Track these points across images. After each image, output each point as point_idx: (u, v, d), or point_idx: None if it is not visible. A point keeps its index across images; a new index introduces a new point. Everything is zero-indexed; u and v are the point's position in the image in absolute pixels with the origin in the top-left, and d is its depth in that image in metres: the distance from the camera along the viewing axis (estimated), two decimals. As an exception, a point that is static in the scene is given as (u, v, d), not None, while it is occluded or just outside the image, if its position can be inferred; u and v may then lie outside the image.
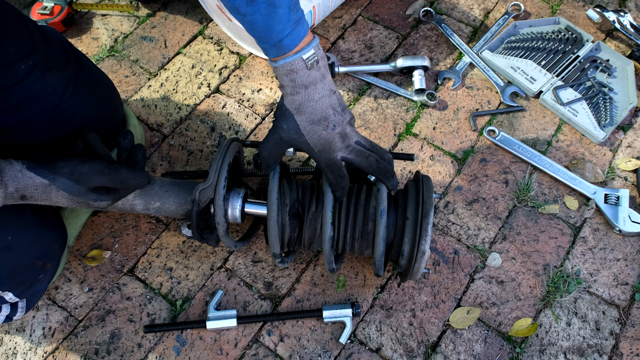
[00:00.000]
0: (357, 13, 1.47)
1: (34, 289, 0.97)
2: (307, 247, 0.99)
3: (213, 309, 1.04)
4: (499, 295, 1.10)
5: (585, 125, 1.28)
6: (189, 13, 1.46)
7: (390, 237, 0.96)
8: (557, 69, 1.35)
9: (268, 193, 0.92)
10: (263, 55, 1.36)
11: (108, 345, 1.03)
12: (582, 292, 1.10)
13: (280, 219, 0.94)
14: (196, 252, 1.12)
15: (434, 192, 0.94)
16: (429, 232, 0.91)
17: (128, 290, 1.08)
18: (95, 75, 1.05)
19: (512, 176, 1.23)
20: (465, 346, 1.04)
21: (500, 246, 1.15)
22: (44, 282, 0.98)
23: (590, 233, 1.17)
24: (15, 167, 0.76)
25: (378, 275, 0.98)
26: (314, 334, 1.04)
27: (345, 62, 1.38)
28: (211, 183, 0.92)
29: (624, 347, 1.05)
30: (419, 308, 1.07)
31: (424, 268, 0.96)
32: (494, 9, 1.49)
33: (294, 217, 0.97)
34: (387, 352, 1.03)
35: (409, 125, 1.29)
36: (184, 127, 1.27)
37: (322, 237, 0.93)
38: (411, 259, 0.93)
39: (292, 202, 0.96)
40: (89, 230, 1.13)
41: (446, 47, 1.42)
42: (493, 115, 1.31)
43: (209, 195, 0.92)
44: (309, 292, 1.09)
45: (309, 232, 0.96)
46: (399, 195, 0.98)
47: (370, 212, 0.94)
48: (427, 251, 0.91)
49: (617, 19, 1.41)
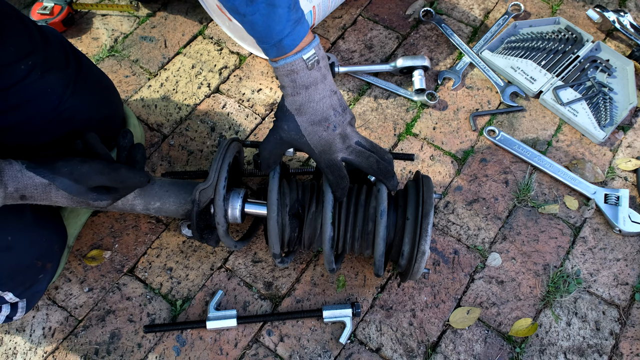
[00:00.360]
0: (357, 13, 1.47)
1: (34, 289, 0.97)
2: (307, 247, 0.99)
3: (213, 309, 1.04)
4: (499, 295, 1.10)
5: (585, 125, 1.28)
6: (189, 13, 1.46)
7: (390, 237, 0.96)
8: (557, 69, 1.35)
9: (268, 193, 0.92)
10: (263, 55, 1.36)
11: (108, 345, 1.03)
12: (582, 292, 1.10)
13: (280, 219, 0.94)
14: (196, 252, 1.12)
15: (434, 192, 0.94)
16: (429, 233, 0.91)
17: (128, 290, 1.08)
18: (95, 75, 1.05)
19: (512, 176, 1.23)
20: (465, 346, 1.04)
21: (500, 246, 1.15)
22: (44, 282, 0.98)
23: (590, 233, 1.17)
24: (15, 167, 0.76)
25: (378, 275, 0.98)
26: (314, 334, 1.04)
27: (345, 62, 1.38)
28: (211, 183, 0.92)
29: (624, 347, 1.05)
30: (419, 308, 1.07)
31: (424, 268, 0.95)
32: (494, 9, 1.49)
33: (294, 217, 0.97)
34: (387, 352, 1.03)
35: (409, 125, 1.29)
36: (184, 127, 1.27)
37: (322, 237, 0.93)
38: (411, 259, 0.93)
39: (292, 202, 0.96)
40: (89, 230, 1.13)
41: (446, 47, 1.42)
42: (493, 115, 1.31)
43: (209, 195, 0.92)
44: (309, 292, 1.09)
45: (309, 232, 0.96)
46: (399, 196, 0.98)
47: (370, 213, 0.94)
48: (427, 251, 0.91)
49: (617, 19, 1.41)
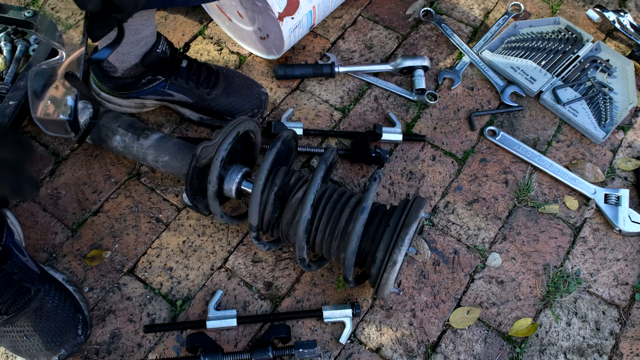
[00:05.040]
0: (357, 13, 1.47)
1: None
2: (285, 234, 0.98)
3: (213, 309, 1.04)
4: (499, 295, 1.10)
5: (585, 125, 1.28)
6: (189, 13, 1.46)
7: (369, 245, 0.92)
8: (557, 69, 1.35)
9: (262, 162, 0.92)
10: (263, 55, 1.36)
11: (108, 345, 1.03)
12: (582, 292, 1.10)
13: (265, 195, 0.94)
14: (196, 252, 1.12)
15: (423, 211, 0.91)
16: (406, 244, 0.86)
17: (128, 290, 1.08)
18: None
19: (512, 176, 1.23)
20: (465, 346, 1.04)
21: (500, 246, 1.15)
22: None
23: (590, 233, 1.17)
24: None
25: (347, 280, 0.94)
26: (314, 334, 1.04)
27: (345, 62, 1.38)
28: (215, 142, 0.92)
29: (624, 347, 1.05)
30: (419, 308, 1.07)
31: (393, 282, 0.90)
32: (494, 9, 1.49)
33: (278, 199, 0.96)
34: (387, 352, 1.03)
35: (409, 125, 1.29)
36: (184, 127, 1.27)
37: (299, 217, 0.88)
38: (381, 267, 0.88)
39: (281, 184, 0.95)
40: (89, 230, 1.13)
41: (446, 47, 1.42)
42: (493, 115, 1.31)
43: (210, 153, 0.92)
44: (309, 292, 1.09)
45: (288, 216, 0.95)
46: (392, 210, 0.96)
47: (355, 214, 0.91)
48: (399, 263, 0.86)
49: (617, 19, 1.41)
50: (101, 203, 1.16)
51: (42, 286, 0.96)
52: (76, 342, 0.97)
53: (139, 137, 1.07)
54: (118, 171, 1.19)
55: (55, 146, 1.22)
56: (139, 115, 1.25)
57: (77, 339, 0.97)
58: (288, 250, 1.12)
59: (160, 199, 1.17)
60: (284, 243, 1.06)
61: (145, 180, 1.19)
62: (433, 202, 1.19)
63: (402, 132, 1.24)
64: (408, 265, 1.11)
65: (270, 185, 0.94)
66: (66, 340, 0.96)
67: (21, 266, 0.96)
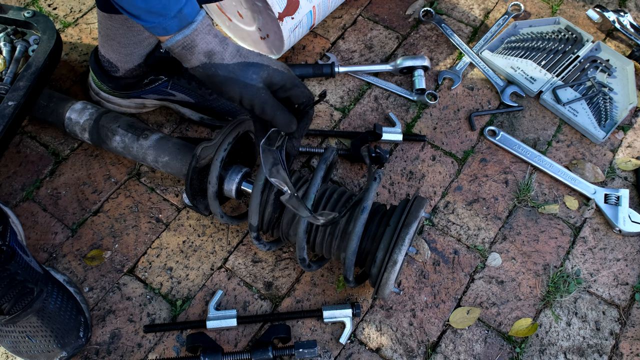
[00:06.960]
0: (357, 13, 1.47)
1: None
2: (285, 234, 0.98)
3: (213, 309, 1.04)
4: (499, 295, 1.10)
5: (585, 125, 1.28)
6: (189, 13, 1.46)
7: (370, 245, 0.92)
8: (557, 69, 1.35)
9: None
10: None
11: (108, 345, 1.03)
12: (582, 292, 1.10)
13: (265, 195, 0.93)
14: (196, 252, 1.12)
15: (423, 210, 0.91)
16: (406, 243, 0.86)
17: (128, 290, 1.08)
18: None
19: (512, 176, 1.23)
20: (465, 346, 1.04)
21: (500, 246, 1.15)
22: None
23: (590, 233, 1.17)
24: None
25: (347, 280, 0.94)
26: (314, 334, 1.04)
27: (345, 62, 1.38)
28: (215, 142, 0.92)
29: (624, 347, 1.05)
30: (419, 308, 1.07)
31: (393, 281, 0.90)
32: (494, 9, 1.49)
33: (278, 200, 0.95)
34: (387, 352, 1.03)
35: (409, 125, 1.29)
36: (184, 127, 1.27)
37: (299, 217, 0.88)
38: (381, 267, 0.88)
39: None
40: (89, 230, 1.13)
41: (446, 47, 1.42)
42: (493, 115, 1.31)
43: (210, 153, 0.91)
44: (309, 292, 1.09)
45: (288, 216, 0.95)
46: (393, 210, 0.96)
47: (355, 214, 0.91)
48: (400, 262, 0.86)
49: (617, 19, 1.41)
50: (101, 203, 1.16)
51: (45, 287, 0.96)
52: (77, 344, 0.97)
53: (138, 138, 1.07)
54: (118, 171, 1.19)
55: (55, 146, 1.22)
56: (138, 116, 1.25)
57: (79, 341, 0.97)
58: (288, 250, 1.12)
59: (160, 199, 1.17)
60: (284, 243, 1.06)
61: (145, 180, 1.19)
62: (433, 202, 1.19)
63: (402, 132, 1.24)
64: (408, 265, 1.11)
65: (270, 185, 0.94)
66: (68, 342, 0.96)
67: (25, 266, 0.96)
